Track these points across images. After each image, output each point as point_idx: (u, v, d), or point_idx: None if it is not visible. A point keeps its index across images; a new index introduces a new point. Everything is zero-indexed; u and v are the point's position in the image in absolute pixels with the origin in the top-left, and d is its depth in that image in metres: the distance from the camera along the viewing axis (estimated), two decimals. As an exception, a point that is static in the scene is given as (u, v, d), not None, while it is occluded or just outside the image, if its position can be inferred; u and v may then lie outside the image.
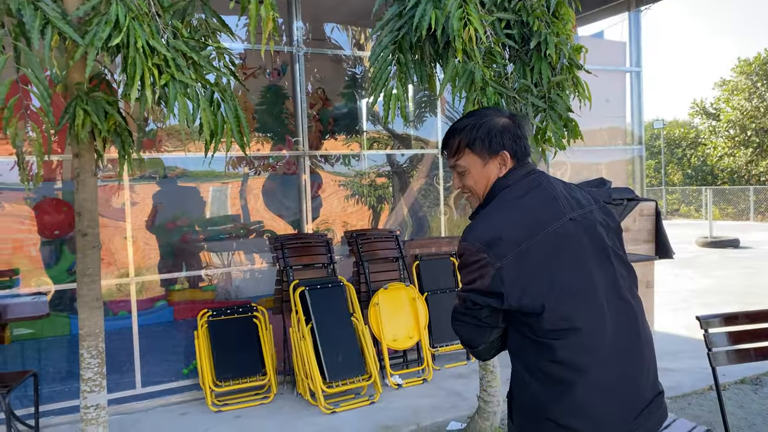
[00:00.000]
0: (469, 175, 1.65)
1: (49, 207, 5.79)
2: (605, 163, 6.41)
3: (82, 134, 2.63)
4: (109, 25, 2.51)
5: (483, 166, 1.63)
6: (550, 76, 3.33)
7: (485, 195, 1.65)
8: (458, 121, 1.69)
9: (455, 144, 1.65)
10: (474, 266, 1.50)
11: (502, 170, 1.62)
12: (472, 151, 1.63)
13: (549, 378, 1.48)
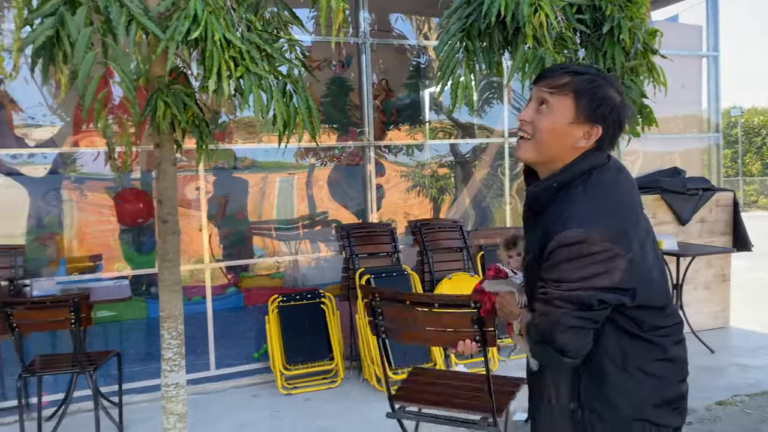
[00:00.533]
0: (549, 117, 1.41)
1: (129, 196, 6.09)
2: (679, 152, 6.17)
3: (163, 125, 2.76)
4: (188, 20, 2.61)
5: (568, 123, 1.40)
6: (624, 61, 3.25)
7: (548, 151, 1.43)
8: (580, 67, 1.47)
9: (563, 81, 1.41)
10: (597, 257, 1.29)
11: (580, 143, 1.41)
12: (574, 101, 1.39)
13: (651, 378, 1.39)
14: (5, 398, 4.09)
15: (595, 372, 1.39)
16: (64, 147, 5.82)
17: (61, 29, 2.49)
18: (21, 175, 5.95)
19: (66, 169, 6.24)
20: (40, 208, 6.08)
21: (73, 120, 5.96)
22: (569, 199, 1.37)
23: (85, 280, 4.61)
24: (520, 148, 1.47)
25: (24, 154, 5.79)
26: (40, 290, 3.59)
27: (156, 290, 6.32)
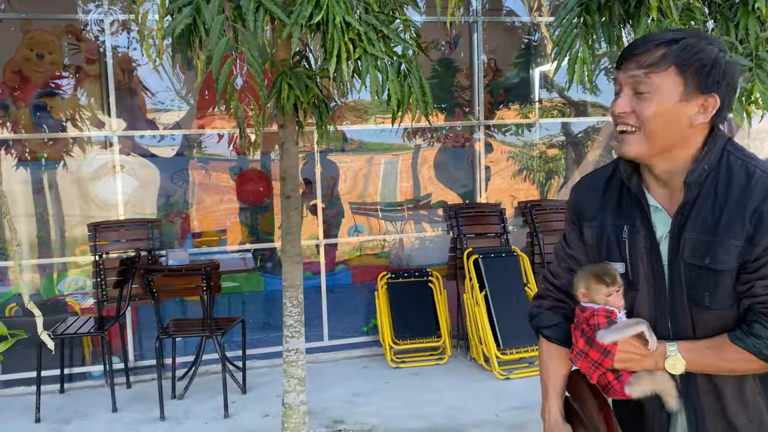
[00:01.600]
0: (656, 101, 1.18)
1: (250, 177, 6.45)
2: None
3: (287, 106, 2.92)
4: (311, 4, 2.73)
5: (679, 101, 1.18)
6: (759, 31, 3.03)
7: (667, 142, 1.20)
8: (663, 33, 1.23)
9: (658, 54, 1.18)
10: None
11: (698, 119, 1.19)
12: (681, 75, 1.17)
13: None
14: (143, 358, 4.51)
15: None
16: (190, 129, 6.24)
17: (197, 17, 2.69)
18: (153, 156, 6.47)
19: (191, 150, 6.69)
20: (169, 186, 6.57)
21: (197, 104, 6.37)
22: (757, 177, 1.19)
23: (213, 252, 4.97)
24: (626, 144, 1.23)
25: (156, 136, 6.27)
26: (175, 260, 3.93)
27: (271, 265, 6.70)
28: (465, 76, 7.32)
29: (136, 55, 6.03)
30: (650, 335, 1.23)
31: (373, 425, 3.54)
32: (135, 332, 4.48)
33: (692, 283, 1.21)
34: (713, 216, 1.19)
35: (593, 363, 1.28)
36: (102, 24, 4.78)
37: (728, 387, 1.23)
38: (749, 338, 1.16)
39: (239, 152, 6.73)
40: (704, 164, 1.21)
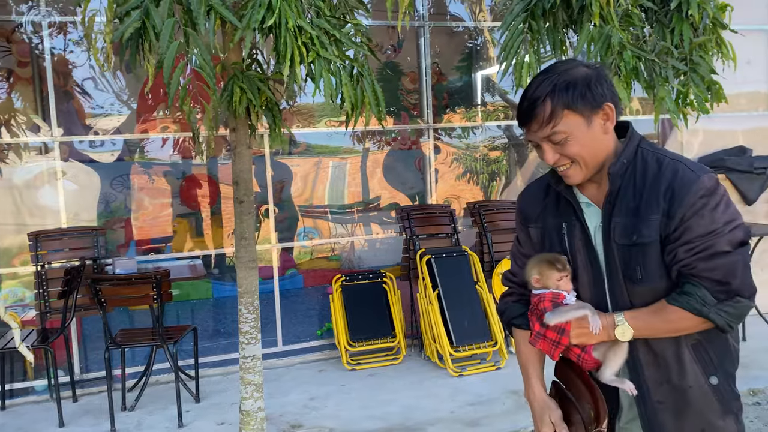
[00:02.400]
0: (573, 140, 1.36)
1: (195, 181, 6.33)
2: (742, 131, 5.99)
3: (239, 109, 2.89)
4: (263, 8, 2.72)
5: (587, 127, 1.35)
6: (692, 37, 3.21)
7: (597, 157, 1.39)
8: (536, 85, 1.38)
9: (547, 110, 1.34)
10: (727, 197, 1.35)
11: (608, 128, 1.38)
12: (574, 111, 1.34)
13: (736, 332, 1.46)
14: (89, 370, 4.37)
15: (722, 340, 1.41)
16: (134, 134, 6.08)
17: (147, 21, 2.64)
18: (93, 162, 6.26)
19: (133, 155, 6.52)
20: (109, 192, 6.39)
21: (138, 109, 6.22)
22: (666, 164, 1.37)
23: (161, 260, 4.85)
24: (570, 177, 1.41)
25: (96, 142, 6.09)
26: (122, 268, 3.82)
27: (219, 271, 6.59)
28: (410, 79, 7.41)
29: (73, 58, 5.84)
30: (593, 318, 1.37)
31: (330, 428, 3.54)
32: (80, 344, 4.32)
33: (625, 262, 1.37)
34: (635, 201, 1.37)
35: (552, 342, 1.42)
36: (36, 26, 4.60)
37: (668, 356, 1.38)
38: (682, 297, 1.32)
39: (184, 156, 6.61)
40: (623, 158, 1.40)
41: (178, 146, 6.52)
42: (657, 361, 1.39)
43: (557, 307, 1.41)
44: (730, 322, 1.32)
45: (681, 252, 1.32)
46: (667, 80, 3.15)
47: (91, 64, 6.10)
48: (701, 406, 1.38)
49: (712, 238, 1.30)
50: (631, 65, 3.02)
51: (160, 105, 6.11)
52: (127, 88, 6.17)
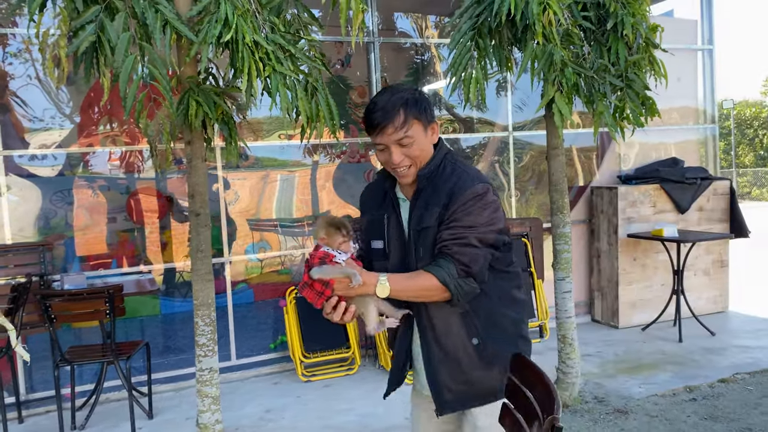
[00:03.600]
0: (416, 145, 1.73)
1: (141, 195, 6.24)
2: (675, 143, 6.35)
3: (195, 123, 2.90)
4: (220, 23, 2.76)
5: (425, 136, 1.75)
6: (627, 55, 3.42)
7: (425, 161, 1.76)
8: (388, 97, 1.73)
9: (402, 117, 1.70)
10: (494, 204, 1.70)
11: (433, 138, 1.79)
12: (419, 121, 1.72)
13: (519, 302, 1.81)
14: (34, 390, 4.24)
15: (485, 308, 1.75)
16: (72, 147, 5.96)
17: (102, 35, 2.64)
18: (33, 176, 6.09)
19: (75, 170, 6.38)
20: (51, 208, 6.22)
21: (80, 122, 6.10)
22: (457, 172, 1.74)
23: (109, 275, 4.76)
24: (406, 177, 1.77)
25: (38, 156, 5.94)
26: (71, 284, 3.74)
27: (166, 287, 6.48)
28: (358, 93, 7.54)
29: (10, 70, 5.69)
30: (355, 278, 1.62)
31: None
32: (24, 363, 4.19)
33: (416, 243, 1.74)
34: (431, 197, 1.73)
35: (317, 292, 1.68)
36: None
37: (440, 322, 1.74)
38: (435, 267, 1.67)
39: (128, 170, 6.51)
40: (431, 165, 1.77)
41: (124, 160, 6.42)
42: (433, 325, 1.75)
43: (324, 265, 1.64)
44: (460, 296, 1.67)
45: (445, 234, 1.67)
46: (605, 95, 3.36)
47: (29, 76, 5.97)
48: (466, 361, 1.74)
49: (469, 231, 1.66)
50: (572, 81, 3.20)
51: (104, 118, 6.02)
52: (70, 102, 6.05)
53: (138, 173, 6.49)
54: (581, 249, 5.77)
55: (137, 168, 6.47)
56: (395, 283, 1.67)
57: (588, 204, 5.81)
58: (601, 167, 5.95)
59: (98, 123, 5.99)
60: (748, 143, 29.77)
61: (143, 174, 6.48)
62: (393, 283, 1.67)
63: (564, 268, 3.73)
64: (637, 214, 5.46)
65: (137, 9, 2.72)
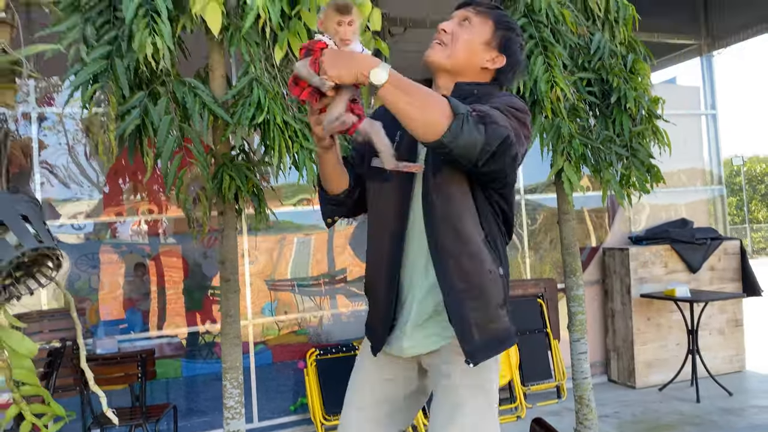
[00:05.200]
0: (468, 31, 1.63)
1: (165, 260, 6.45)
2: (684, 204, 6.51)
3: (229, 195, 3.13)
4: (253, 106, 3.02)
5: (482, 43, 1.64)
6: (631, 127, 3.64)
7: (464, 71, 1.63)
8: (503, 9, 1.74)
9: (487, 8, 1.67)
10: (527, 121, 1.57)
11: (486, 64, 1.65)
12: (493, 27, 1.65)
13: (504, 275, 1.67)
14: (61, 454, 4.32)
15: (496, 242, 1.63)
16: (102, 216, 6.23)
17: (146, 118, 2.90)
18: (61, 243, 6.35)
19: (100, 234, 6.64)
20: (77, 272, 6.44)
21: (107, 192, 6.39)
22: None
23: (138, 339, 4.91)
24: (434, 51, 1.63)
25: (67, 224, 6.20)
26: (103, 348, 3.89)
27: (191, 349, 6.60)
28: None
29: (46, 140, 6.02)
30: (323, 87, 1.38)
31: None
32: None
33: (433, 163, 1.58)
34: None
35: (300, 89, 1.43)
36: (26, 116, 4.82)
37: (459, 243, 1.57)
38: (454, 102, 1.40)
39: (152, 235, 6.74)
40: (472, 89, 1.62)
41: (148, 226, 6.67)
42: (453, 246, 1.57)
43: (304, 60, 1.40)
44: (458, 135, 1.37)
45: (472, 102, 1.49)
46: (611, 164, 3.55)
47: (59, 143, 6.29)
48: (494, 293, 1.59)
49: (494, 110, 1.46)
50: (580, 152, 3.41)
51: (128, 188, 6.29)
52: (99, 173, 6.35)
53: (161, 238, 6.73)
54: (595, 309, 5.85)
55: (160, 232, 6.72)
56: (399, 78, 1.38)
57: (601, 265, 5.93)
58: (612, 228, 6.10)
59: (122, 192, 6.28)
60: (761, 199, 29.81)
61: (166, 239, 6.72)
62: (395, 76, 1.37)
63: (579, 329, 3.84)
64: (649, 274, 5.57)
65: (178, 94, 2.99)
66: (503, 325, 1.61)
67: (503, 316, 1.61)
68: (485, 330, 1.56)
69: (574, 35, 3.57)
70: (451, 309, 1.56)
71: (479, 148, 1.40)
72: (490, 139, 1.40)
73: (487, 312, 1.57)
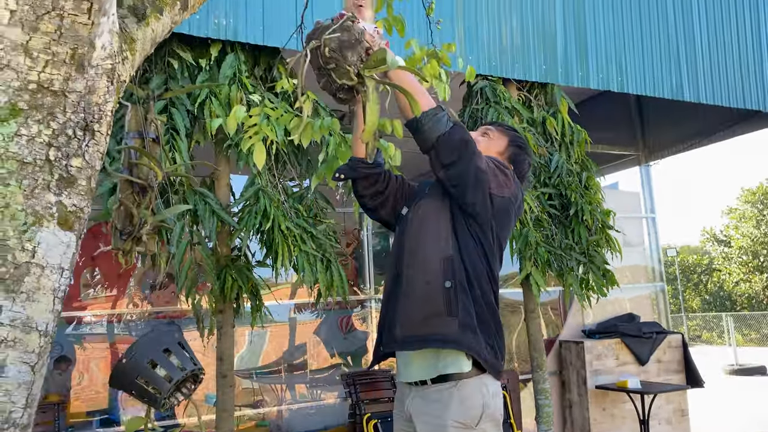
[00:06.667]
0: (485, 142, 2.02)
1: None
2: (629, 298, 7.04)
3: (231, 295, 3.38)
4: (260, 214, 3.34)
5: (496, 152, 2.01)
6: (588, 236, 4.12)
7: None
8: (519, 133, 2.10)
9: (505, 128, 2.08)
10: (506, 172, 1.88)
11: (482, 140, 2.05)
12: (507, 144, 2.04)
13: (488, 271, 1.86)
14: None
15: (463, 259, 1.79)
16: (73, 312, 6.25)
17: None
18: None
19: (78, 328, 6.61)
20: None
21: (79, 286, 6.44)
22: None
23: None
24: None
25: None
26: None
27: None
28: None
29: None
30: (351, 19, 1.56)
31: None
32: None
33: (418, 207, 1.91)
34: None
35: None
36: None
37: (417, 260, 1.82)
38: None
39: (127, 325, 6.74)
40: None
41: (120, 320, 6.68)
42: (412, 262, 1.82)
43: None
44: (432, 117, 1.72)
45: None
46: (572, 269, 3.99)
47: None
48: (432, 298, 1.75)
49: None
50: (545, 258, 3.84)
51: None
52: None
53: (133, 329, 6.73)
54: (555, 400, 6.16)
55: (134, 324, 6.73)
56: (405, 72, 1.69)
57: (558, 357, 6.30)
58: (566, 322, 6.53)
59: (93, 287, 6.33)
60: (694, 288, 31.35)
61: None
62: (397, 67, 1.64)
63: (546, 420, 4.14)
64: (603, 366, 5.97)
65: (190, 201, 3.29)
66: (442, 330, 1.74)
67: (442, 325, 1.73)
68: (408, 328, 1.76)
69: (536, 155, 4.09)
70: (389, 311, 1.82)
71: (442, 133, 1.72)
72: (453, 133, 1.73)
73: (416, 314, 1.76)
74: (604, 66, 4.59)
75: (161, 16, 1.27)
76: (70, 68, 0.97)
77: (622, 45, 4.73)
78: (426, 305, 1.77)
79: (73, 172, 1.02)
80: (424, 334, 1.76)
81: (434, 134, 1.73)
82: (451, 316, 1.75)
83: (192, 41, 3.46)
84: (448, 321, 1.75)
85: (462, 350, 1.74)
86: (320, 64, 1.51)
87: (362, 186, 1.96)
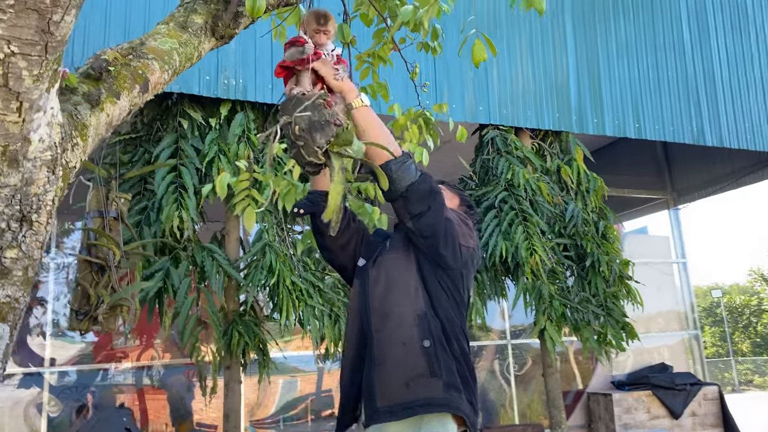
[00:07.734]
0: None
1: (150, 400, 6.49)
2: (665, 346, 6.78)
3: (237, 351, 3.37)
4: (266, 269, 3.35)
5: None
6: (605, 288, 4.00)
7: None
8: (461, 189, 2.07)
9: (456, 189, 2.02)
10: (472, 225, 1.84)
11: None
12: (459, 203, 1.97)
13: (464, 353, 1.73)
14: None
15: (437, 313, 1.71)
16: (92, 364, 6.31)
17: (167, 280, 3.20)
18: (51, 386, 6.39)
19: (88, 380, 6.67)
20: (68, 413, 6.43)
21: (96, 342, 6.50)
22: None
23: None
24: None
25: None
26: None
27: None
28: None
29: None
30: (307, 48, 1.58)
31: None
32: None
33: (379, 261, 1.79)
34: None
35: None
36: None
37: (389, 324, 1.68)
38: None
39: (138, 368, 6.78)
40: None
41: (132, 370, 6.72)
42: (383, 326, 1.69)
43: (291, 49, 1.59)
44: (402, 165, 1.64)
45: None
46: (589, 323, 3.87)
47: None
48: (411, 362, 1.64)
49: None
50: (560, 312, 3.73)
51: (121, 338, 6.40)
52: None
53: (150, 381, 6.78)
54: (583, 455, 5.91)
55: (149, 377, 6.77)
56: (371, 112, 1.67)
57: (586, 409, 6.07)
58: (595, 372, 6.30)
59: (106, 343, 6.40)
60: (743, 330, 30.07)
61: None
62: (368, 109, 1.66)
63: (567, 481, 3.96)
64: (632, 420, 5.72)
65: (197, 258, 3.32)
66: (426, 394, 1.65)
67: (426, 388, 1.65)
68: (389, 397, 1.64)
69: (551, 205, 4.02)
70: (364, 379, 1.69)
71: (411, 182, 1.65)
72: (422, 183, 1.67)
73: (395, 381, 1.64)
74: (620, 112, 4.53)
75: (118, 100, 1.30)
76: (1, 164, 1.00)
77: (638, 90, 4.66)
78: (406, 369, 1.67)
79: (8, 263, 1.03)
80: (409, 401, 1.66)
81: (403, 183, 1.66)
82: (434, 376, 1.67)
83: (202, 101, 3.55)
84: (432, 382, 1.67)
85: (450, 413, 1.67)
86: (291, 138, 1.53)
87: (323, 223, 1.79)
